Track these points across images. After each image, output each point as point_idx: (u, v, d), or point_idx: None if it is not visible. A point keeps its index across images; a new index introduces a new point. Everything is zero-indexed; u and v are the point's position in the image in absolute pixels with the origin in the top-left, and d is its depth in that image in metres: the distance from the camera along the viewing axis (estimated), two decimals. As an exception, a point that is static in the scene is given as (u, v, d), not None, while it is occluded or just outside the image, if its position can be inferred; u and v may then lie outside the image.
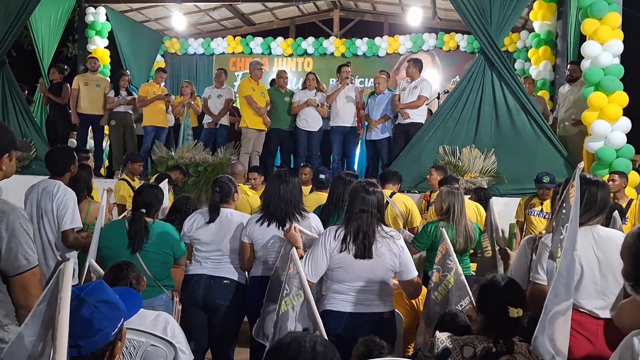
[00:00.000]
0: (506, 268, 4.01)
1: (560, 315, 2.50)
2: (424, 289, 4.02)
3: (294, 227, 3.84)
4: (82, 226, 4.53)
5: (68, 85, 9.74)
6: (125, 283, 3.20)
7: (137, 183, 6.84)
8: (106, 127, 9.85)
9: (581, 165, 2.74)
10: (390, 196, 5.78)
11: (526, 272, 3.31)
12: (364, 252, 3.39)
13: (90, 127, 9.85)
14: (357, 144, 9.66)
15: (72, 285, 1.60)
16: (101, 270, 3.60)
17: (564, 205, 2.67)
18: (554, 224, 2.87)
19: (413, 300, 4.46)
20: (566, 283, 2.52)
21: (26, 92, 10.90)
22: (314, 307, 3.00)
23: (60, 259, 4.44)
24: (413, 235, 5.11)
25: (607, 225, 3.47)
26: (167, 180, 6.09)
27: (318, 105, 9.00)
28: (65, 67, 10.38)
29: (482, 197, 6.42)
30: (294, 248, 3.36)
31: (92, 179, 5.13)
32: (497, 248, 4.15)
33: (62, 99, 9.71)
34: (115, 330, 1.80)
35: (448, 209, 4.93)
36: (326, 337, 2.84)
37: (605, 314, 2.89)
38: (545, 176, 6.46)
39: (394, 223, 5.62)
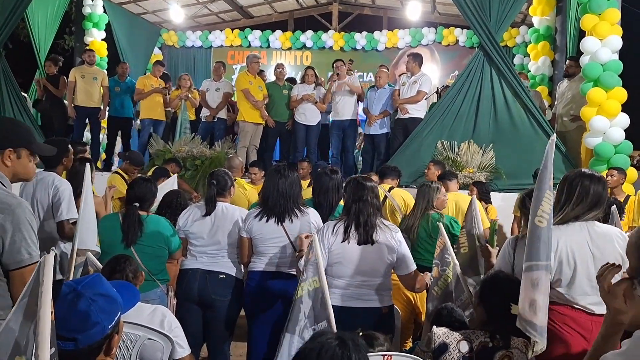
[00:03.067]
0: (487, 266, 3.99)
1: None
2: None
3: (307, 237, 3.78)
4: (77, 217, 4.48)
5: (64, 77, 9.71)
6: (122, 276, 3.19)
7: (129, 178, 6.79)
8: (104, 120, 9.84)
9: (554, 137, 2.76)
10: (389, 191, 5.78)
11: (510, 271, 3.32)
12: (367, 238, 3.42)
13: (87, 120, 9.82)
14: (355, 139, 9.65)
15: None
16: (99, 264, 3.59)
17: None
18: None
19: (410, 295, 4.48)
20: (528, 244, 2.69)
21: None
22: (327, 296, 3.00)
23: (56, 251, 4.42)
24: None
25: (604, 221, 3.45)
26: (176, 175, 6.11)
27: (317, 101, 8.99)
28: (60, 58, 10.34)
29: (483, 191, 6.44)
30: (315, 235, 3.34)
31: (94, 173, 5.09)
32: (477, 245, 4.13)
33: (59, 92, 9.69)
34: (113, 323, 1.80)
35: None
36: (335, 328, 2.85)
37: (600, 309, 2.89)
38: None
39: (392, 217, 5.63)
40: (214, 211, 4.26)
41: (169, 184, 6.03)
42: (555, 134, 2.75)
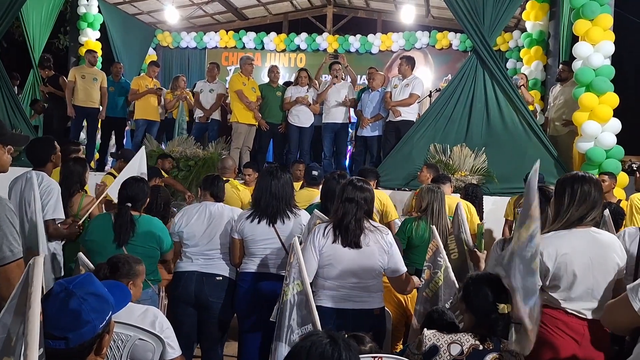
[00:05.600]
0: (477, 270, 4.00)
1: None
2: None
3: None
4: (64, 217, 4.46)
5: (63, 77, 9.73)
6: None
7: None
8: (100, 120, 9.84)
9: (536, 165, 2.71)
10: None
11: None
12: (349, 239, 3.40)
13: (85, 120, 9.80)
14: (348, 141, 9.67)
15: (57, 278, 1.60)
16: (91, 264, 3.57)
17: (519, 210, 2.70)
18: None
19: (401, 298, 4.48)
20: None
21: (18, 81, 10.89)
22: (311, 299, 2.99)
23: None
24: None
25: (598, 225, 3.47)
26: (143, 147, 6.01)
27: (310, 104, 9.01)
28: (48, 56, 10.34)
29: (470, 192, 6.44)
30: (295, 237, 3.35)
31: (87, 172, 5.09)
32: (465, 249, 4.15)
33: (64, 92, 9.69)
34: (104, 323, 1.80)
35: (426, 207, 4.96)
36: (320, 329, 2.85)
37: (593, 315, 2.90)
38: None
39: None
40: (210, 213, 4.27)
41: (137, 160, 5.72)
42: (538, 162, 2.72)
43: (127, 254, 3.46)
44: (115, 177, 6.78)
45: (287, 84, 10.10)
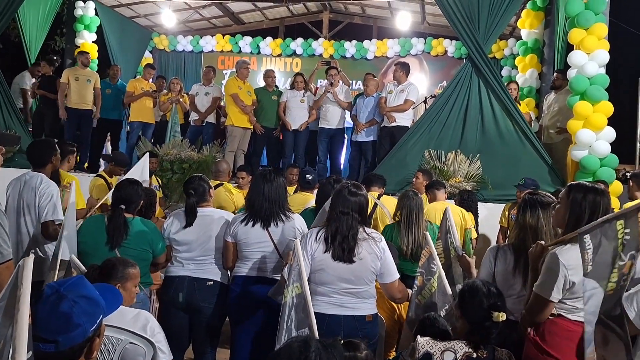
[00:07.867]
0: (468, 276, 3.99)
1: None
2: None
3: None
4: (63, 219, 4.46)
5: (60, 80, 9.72)
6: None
7: (114, 180, 6.69)
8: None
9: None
10: (378, 198, 5.79)
11: (491, 280, 3.34)
12: (343, 254, 3.37)
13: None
14: (343, 146, 9.68)
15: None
16: (82, 267, 3.55)
17: (627, 231, 2.50)
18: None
19: (394, 305, 4.46)
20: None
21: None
22: (309, 302, 2.99)
23: (39, 252, 4.40)
24: None
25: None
26: (147, 154, 6.00)
27: (308, 124, 9.08)
28: (55, 58, 10.32)
29: (465, 199, 6.44)
30: (297, 240, 3.33)
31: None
32: (452, 255, 4.15)
33: (56, 95, 9.66)
34: (94, 326, 1.79)
35: (398, 213, 4.98)
36: (317, 335, 2.84)
37: (570, 316, 2.91)
38: (522, 180, 6.53)
39: (383, 224, 5.63)
40: (200, 219, 4.23)
41: (139, 166, 5.76)
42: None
43: (122, 257, 3.42)
44: (105, 179, 6.79)
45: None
